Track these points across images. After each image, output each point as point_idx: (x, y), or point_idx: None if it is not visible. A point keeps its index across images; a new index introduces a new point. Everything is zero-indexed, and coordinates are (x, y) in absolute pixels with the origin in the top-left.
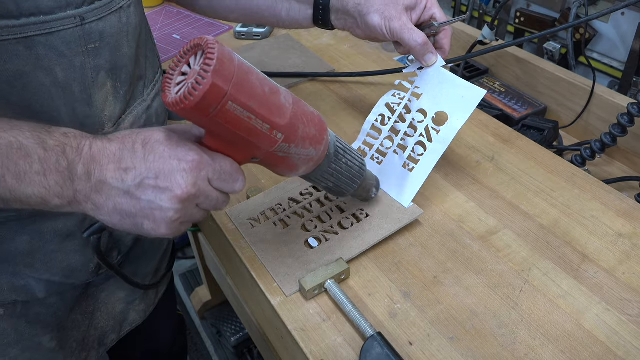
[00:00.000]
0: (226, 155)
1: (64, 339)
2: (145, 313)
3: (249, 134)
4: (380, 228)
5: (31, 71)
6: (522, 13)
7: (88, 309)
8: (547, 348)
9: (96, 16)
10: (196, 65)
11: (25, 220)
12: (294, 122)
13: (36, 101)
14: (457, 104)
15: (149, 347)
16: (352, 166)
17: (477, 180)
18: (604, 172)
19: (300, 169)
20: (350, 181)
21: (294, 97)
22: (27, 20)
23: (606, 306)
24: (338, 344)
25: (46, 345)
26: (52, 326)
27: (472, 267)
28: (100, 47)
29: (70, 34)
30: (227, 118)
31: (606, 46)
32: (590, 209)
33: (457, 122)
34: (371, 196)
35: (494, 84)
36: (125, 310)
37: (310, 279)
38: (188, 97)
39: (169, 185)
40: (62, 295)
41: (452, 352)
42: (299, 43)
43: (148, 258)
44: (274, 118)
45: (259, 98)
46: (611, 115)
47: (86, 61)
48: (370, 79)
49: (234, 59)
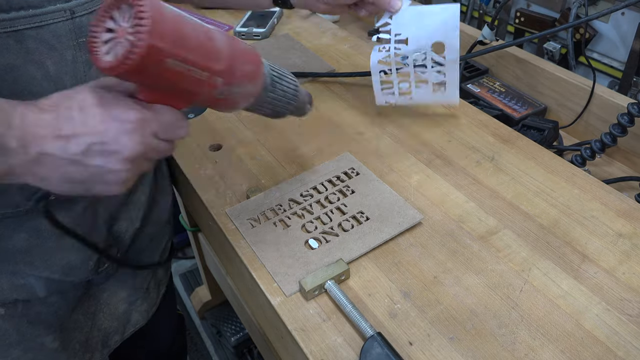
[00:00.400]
0: (165, 104)
1: (66, 340)
2: (148, 313)
3: (189, 85)
4: (380, 231)
5: (22, 64)
6: (522, 13)
7: (90, 309)
8: (547, 348)
9: (86, 10)
10: (125, 22)
11: (23, 217)
12: (232, 64)
13: (27, 94)
14: (443, 28)
15: (149, 347)
16: (288, 90)
17: (477, 180)
18: (604, 172)
19: (240, 105)
20: (286, 104)
21: (228, 37)
22: (16, 14)
23: (606, 306)
24: (338, 344)
25: (49, 346)
26: (55, 326)
27: (472, 267)
28: None
29: (60, 27)
30: (167, 74)
31: (606, 46)
32: (590, 209)
33: (454, 41)
34: (306, 111)
35: (494, 84)
36: (128, 310)
37: (311, 279)
38: (125, 62)
39: (117, 148)
40: (63, 294)
41: (452, 352)
42: (299, 43)
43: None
44: (212, 64)
45: (197, 48)
46: (611, 115)
47: (77, 55)
48: (370, 79)
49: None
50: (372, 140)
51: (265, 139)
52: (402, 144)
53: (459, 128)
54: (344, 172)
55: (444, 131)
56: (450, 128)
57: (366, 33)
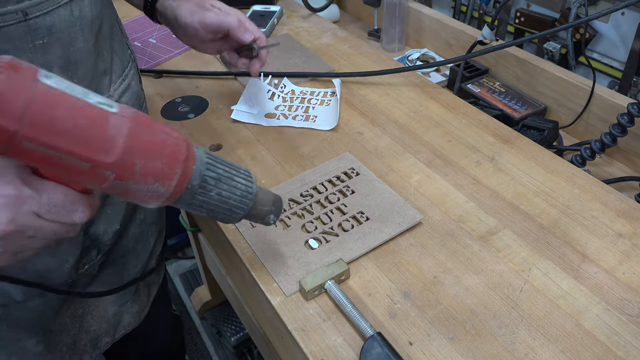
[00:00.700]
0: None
1: (52, 343)
2: (140, 315)
3: (68, 172)
4: (380, 232)
5: None
6: (522, 13)
7: (77, 312)
8: (547, 348)
9: (41, 10)
10: None
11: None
12: (128, 158)
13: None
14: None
15: (144, 348)
16: (230, 196)
17: (477, 180)
18: (604, 172)
19: (150, 203)
20: (228, 212)
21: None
22: None
23: (606, 306)
24: (338, 344)
25: (32, 350)
26: (37, 329)
27: (472, 267)
28: (49, 43)
29: (13, 30)
30: (31, 157)
31: (606, 46)
32: (590, 209)
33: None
34: (269, 222)
35: (494, 84)
36: (118, 312)
37: (311, 279)
38: None
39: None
40: (43, 297)
41: (452, 352)
42: (299, 43)
43: (134, 256)
44: (94, 155)
45: (71, 134)
46: (611, 115)
47: (34, 58)
48: (370, 79)
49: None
50: (372, 140)
51: (265, 139)
52: (402, 144)
53: (459, 128)
54: (344, 172)
55: (444, 131)
56: (450, 128)
57: (366, 33)
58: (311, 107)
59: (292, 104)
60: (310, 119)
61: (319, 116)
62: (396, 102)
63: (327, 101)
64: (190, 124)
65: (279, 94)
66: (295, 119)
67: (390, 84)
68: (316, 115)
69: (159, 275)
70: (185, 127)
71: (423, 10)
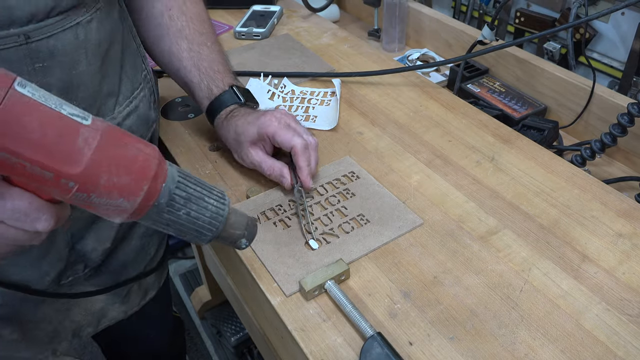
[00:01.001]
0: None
1: (30, 331)
2: (126, 313)
3: (31, 180)
4: (380, 234)
5: None
6: (522, 13)
7: (63, 307)
8: (547, 348)
9: (45, 34)
10: None
11: None
12: (93, 171)
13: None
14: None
15: (143, 351)
16: (199, 217)
17: (477, 180)
18: (604, 172)
19: (113, 217)
20: (196, 233)
21: (106, 138)
22: None
23: (606, 306)
24: (338, 344)
25: (7, 337)
26: (14, 321)
27: (472, 267)
28: (49, 66)
29: (13, 52)
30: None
31: (606, 46)
32: (590, 209)
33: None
34: (240, 247)
35: (494, 84)
36: (105, 308)
37: (311, 279)
38: None
39: None
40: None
41: (452, 352)
42: (299, 43)
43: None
44: (58, 166)
45: (36, 143)
46: (611, 115)
47: (32, 80)
48: (370, 79)
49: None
50: (372, 140)
51: None
52: (402, 144)
53: (459, 128)
54: (344, 175)
55: (444, 131)
56: (450, 128)
57: (366, 33)
58: (311, 107)
59: (292, 104)
60: (310, 119)
61: (319, 116)
62: (396, 102)
63: (327, 101)
64: (190, 124)
65: (279, 94)
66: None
67: (390, 84)
68: (316, 115)
69: (160, 277)
70: (185, 127)
71: (423, 10)
